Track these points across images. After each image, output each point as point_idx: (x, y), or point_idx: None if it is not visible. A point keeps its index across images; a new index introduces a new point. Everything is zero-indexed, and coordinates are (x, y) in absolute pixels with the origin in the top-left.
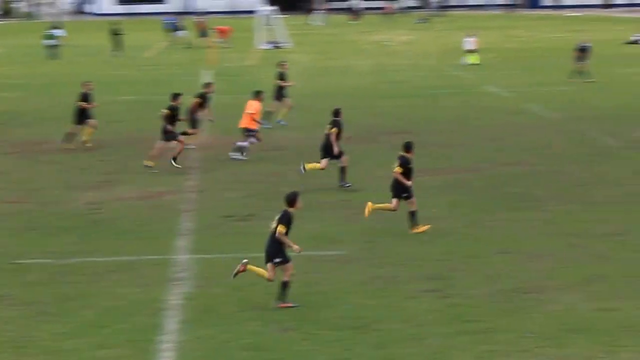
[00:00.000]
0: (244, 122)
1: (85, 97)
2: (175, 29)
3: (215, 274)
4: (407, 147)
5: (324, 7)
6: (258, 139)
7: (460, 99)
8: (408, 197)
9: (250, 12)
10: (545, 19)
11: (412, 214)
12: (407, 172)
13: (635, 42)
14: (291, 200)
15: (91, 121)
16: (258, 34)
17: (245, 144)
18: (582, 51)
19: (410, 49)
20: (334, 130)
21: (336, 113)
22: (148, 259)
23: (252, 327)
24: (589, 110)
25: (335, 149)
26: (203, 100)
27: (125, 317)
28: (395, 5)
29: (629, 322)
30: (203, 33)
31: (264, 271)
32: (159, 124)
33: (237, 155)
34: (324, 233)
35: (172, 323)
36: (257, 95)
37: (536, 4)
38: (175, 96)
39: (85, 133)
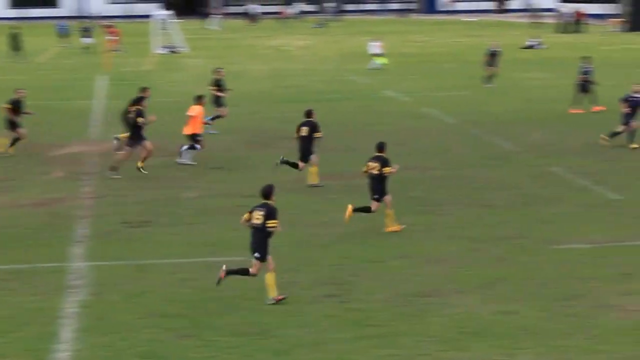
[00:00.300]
0: (189, 128)
1: (16, 105)
2: (68, 33)
3: (111, 281)
4: (381, 147)
5: (220, 12)
6: (201, 146)
7: (358, 104)
8: (378, 199)
9: (146, 16)
10: (442, 24)
11: (364, 209)
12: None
13: (531, 47)
14: (268, 193)
15: (21, 130)
16: (154, 38)
17: (188, 148)
18: (493, 56)
19: (307, 54)
20: (307, 129)
21: (309, 114)
22: (43, 267)
23: (149, 335)
24: (487, 114)
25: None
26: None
27: (21, 326)
28: (290, 10)
29: (528, 324)
30: (108, 37)
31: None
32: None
33: (186, 161)
34: (221, 239)
35: (68, 331)
36: (199, 99)
37: (432, 9)
38: (137, 100)
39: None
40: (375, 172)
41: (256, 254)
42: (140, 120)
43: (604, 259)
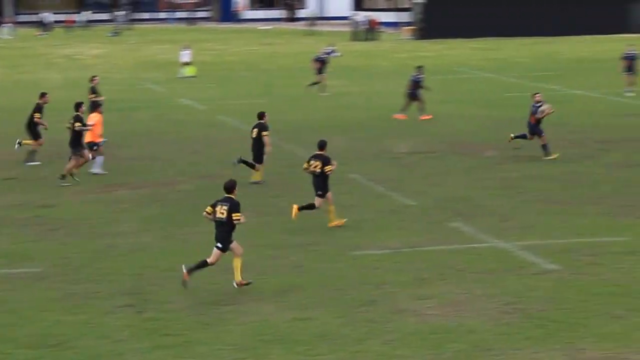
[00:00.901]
0: (88, 136)
1: None
2: None
3: None
4: (322, 145)
5: (12, 20)
6: (100, 153)
7: (154, 112)
8: (322, 195)
9: None
10: (238, 32)
11: (309, 207)
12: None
13: (327, 55)
14: (231, 187)
15: None
16: None
17: (96, 157)
18: (320, 62)
19: (102, 63)
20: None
21: (261, 116)
22: None
23: None
24: (284, 122)
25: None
26: (40, 111)
27: None
28: (77, 18)
29: (324, 330)
30: None
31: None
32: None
33: (99, 170)
34: (16, 250)
35: None
36: (95, 107)
37: (228, 17)
38: (78, 105)
39: None
40: (317, 170)
41: (218, 244)
42: (77, 125)
43: (400, 264)
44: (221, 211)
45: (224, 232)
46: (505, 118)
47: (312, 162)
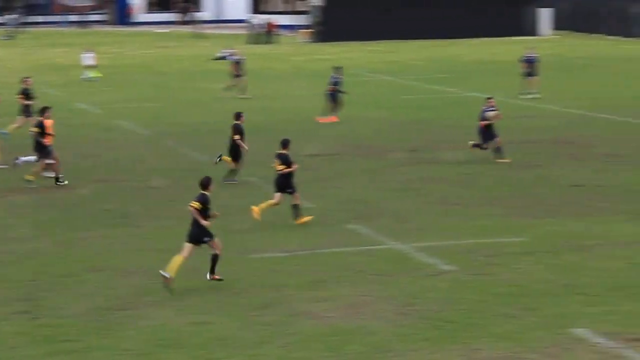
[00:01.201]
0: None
1: None
2: None
3: None
4: (285, 144)
5: None
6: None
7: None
8: (292, 192)
9: None
10: (135, 35)
11: (296, 207)
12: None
13: (222, 58)
14: (205, 184)
15: None
16: None
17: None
18: (237, 64)
19: None
20: (237, 135)
21: (237, 117)
22: None
23: None
24: (180, 125)
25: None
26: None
27: None
28: None
29: (223, 334)
30: None
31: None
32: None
33: (48, 174)
34: None
35: None
36: (44, 111)
37: (124, 20)
38: (43, 110)
39: None
40: (281, 169)
41: (205, 239)
42: (35, 130)
43: (298, 267)
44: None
45: (198, 227)
46: (405, 120)
47: (277, 161)
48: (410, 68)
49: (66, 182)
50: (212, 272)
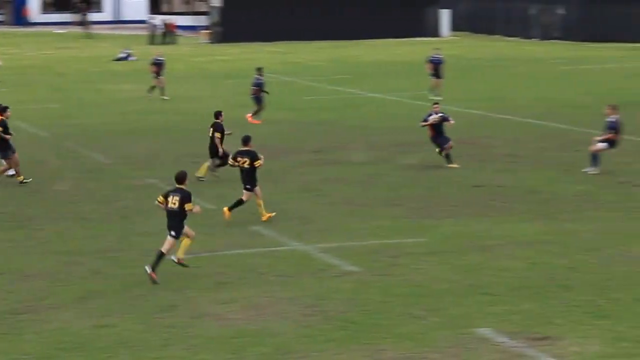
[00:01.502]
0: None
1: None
2: None
3: None
4: (247, 141)
5: None
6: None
7: None
8: (251, 189)
9: None
10: (33, 36)
11: (241, 202)
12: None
13: (123, 59)
14: (182, 178)
15: None
16: None
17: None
18: (158, 65)
19: None
20: (218, 134)
21: (216, 115)
22: None
23: None
24: (80, 127)
25: (220, 150)
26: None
27: None
28: None
29: (125, 337)
30: None
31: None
32: None
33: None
34: None
35: None
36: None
37: (22, 21)
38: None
39: None
40: (246, 165)
41: (172, 233)
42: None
43: (201, 269)
44: (173, 201)
45: (177, 221)
46: (307, 121)
47: (239, 158)
48: (310, 69)
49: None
50: (154, 268)
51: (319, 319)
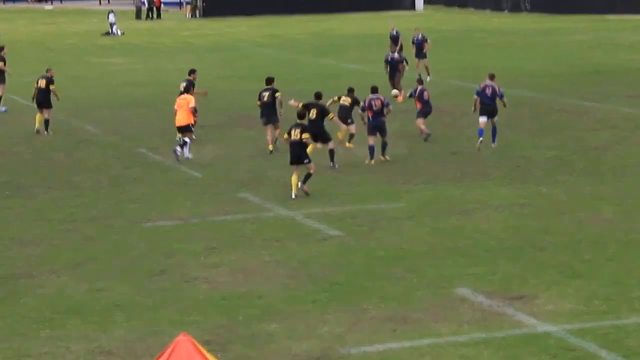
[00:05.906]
0: None
1: None
2: None
3: None
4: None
5: None
6: None
7: None
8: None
9: None
10: (22, 12)
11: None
12: None
13: (109, 34)
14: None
15: None
16: None
17: None
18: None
19: None
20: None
21: (269, 81)
22: None
23: None
24: (70, 99)
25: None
26: None
27: None
28: None
29: (120, 300)
30: None
31: None
32: None
33: None
34: None
35: None
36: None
37: None
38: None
39: None
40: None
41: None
42: None
43: (190, 235)
44: (295, 134)
45: (301, 150)
46: (287, 92)
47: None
48: (290, 42)
49: None
50: (304, 182)
51: (305, 281)
